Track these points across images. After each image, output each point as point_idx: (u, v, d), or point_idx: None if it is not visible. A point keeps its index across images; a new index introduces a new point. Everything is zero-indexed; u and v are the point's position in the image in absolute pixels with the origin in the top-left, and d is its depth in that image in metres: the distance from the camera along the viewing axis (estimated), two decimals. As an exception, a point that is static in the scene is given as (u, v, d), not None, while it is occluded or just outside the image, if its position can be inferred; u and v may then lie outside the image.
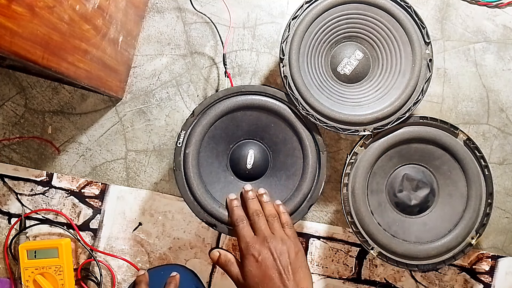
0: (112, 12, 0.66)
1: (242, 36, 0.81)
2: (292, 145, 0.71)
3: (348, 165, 0.70)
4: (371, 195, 0.71)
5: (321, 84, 0.71)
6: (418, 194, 0.72)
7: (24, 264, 0.75)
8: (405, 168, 0.73)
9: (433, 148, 0.71)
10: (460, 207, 0.71)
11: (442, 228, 0.71)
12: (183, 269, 0.78)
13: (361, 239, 0.70)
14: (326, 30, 0.70)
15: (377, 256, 0.70)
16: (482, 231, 0.70)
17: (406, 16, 0.69)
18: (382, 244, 0.70)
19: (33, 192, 0.80)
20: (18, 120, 0.80)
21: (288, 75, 0.69)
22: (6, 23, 0.43)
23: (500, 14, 0.81)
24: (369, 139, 0.70)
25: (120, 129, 0.81)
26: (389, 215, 0.72)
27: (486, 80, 0.81)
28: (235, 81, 0.80)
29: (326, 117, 0.69)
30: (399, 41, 0.69)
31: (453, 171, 0.71)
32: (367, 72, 0.73)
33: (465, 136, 0.70)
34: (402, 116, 0.69)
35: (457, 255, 0.70)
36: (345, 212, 0.70)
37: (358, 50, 0.72)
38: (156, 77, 0.81)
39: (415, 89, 0.69)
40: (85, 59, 0.61)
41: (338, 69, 0.72)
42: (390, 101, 0.69)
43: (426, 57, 0.69)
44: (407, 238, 0.71)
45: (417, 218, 0.72)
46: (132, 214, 0.80)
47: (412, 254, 0.70)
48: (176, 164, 0.69)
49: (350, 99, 0.71)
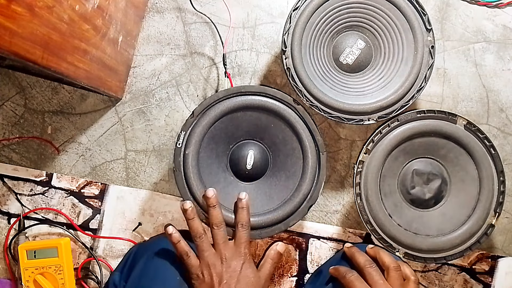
0: (111, 12, 0.66)
1: (242, 36, 0.81)
2: (292, 145, 0.71)
3: (356, 175, 0.70)
4: (385, 198, 0.71)
5: (324, 75, 0.71)
6: (431, 187, 0.72)
7: (24, 265, 0.75)
8: (412, 164, 0.73)
9: (436, 139, 0.71)
10: (474, 191, 0.71)
11: (461, 215, 0.71)
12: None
13: (384, 244, 0.70)
14: (327, 20, 0.70)
15: (404, 257, 0.70)
16: (500, 209, 0.70)
17: (407, 4, 0.69)
18: (406, 244, 0.70)
19: (32, 192, 0.80)
20: (17, 120, 0.80)
21: (291, 67, 0.69)
22: (6, 23, 0.43)
23: (500, 14, 0.81)
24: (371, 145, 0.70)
25: (119, 129, 0.80)
26: (407, 213, 0.72)
27: (486, 80, 0.81)
28: (235, 81, 0.80)
29: (330, 107, 0.69)
30: (400, 28, 0.69)
31: (460, 157, 0.71)
32: (369, 61, 0.73)
33: (464, 120, 0.70)
34: (406, 104, 0.69)
35: (481, 238, 0.70)
36: (364, 221, 0.70)
37: (360, 39, 0.72)
38: (156, 77, 0.81)
39: (418, 76, 0.69)
40: (85, 59, 0.61)
41: (340, 59, 0.72)
42: (394, 89, 0.69)
43: (428, 44, 0.69)
44: (429, 233, 0.71)
45: (435, 210, 0.72)
46: (132, 214, 0.80)
47: (437, 247, 0.70)
48: (176, 165, 0.69)
49: (354, 89, 0.72)
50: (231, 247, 0.65)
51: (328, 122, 0.80)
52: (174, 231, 0.67)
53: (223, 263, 0.63)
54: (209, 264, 0.63)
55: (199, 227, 0.65)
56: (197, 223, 0.66)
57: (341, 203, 0.81)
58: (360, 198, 0.70)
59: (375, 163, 0.70)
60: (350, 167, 0.80)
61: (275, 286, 0.80)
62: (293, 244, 0.80)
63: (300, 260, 0.80)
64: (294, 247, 0.80)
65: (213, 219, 0.65)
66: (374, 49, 0.73)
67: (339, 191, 0.81)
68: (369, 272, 0.63)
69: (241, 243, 0.65)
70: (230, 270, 0.63)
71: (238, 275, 0.63)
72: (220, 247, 0.64)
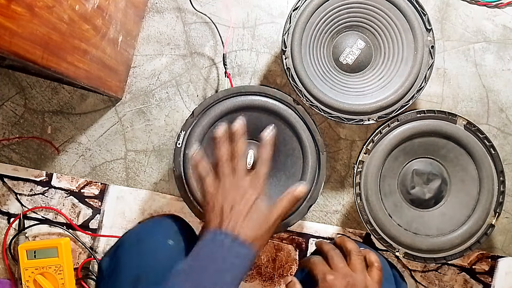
0: (111, 12, 0.66)
1: (242, 36, 0.81)
2: (292, 145, 0.71)
3: (356, 175, 0.70)
4: (385, 198, 0.71)
5: (324, 75, 0.71)
6: (431, 187, 0.72)
7: (24, 265, 0.75)
8: (412, 164, 0.73)
9: (436, 139, 0.71)
10: (474, 191, 0.71)
11: (461, 214, 0.71)
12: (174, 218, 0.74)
13: (384, 244, 0.70)
14: (327, 20, 0.70)
15: (404, 257, 0.70)
16: (500, 209, 0.70)
17: (407, 4, 0.69)
18: (406, 244, 0.70)
19: (32, 192, 0.80)
20: (17, 120, 0.80)
21: (291, 67, 0.69)
22: (6, 23, 0.43)
23: (499, 14, 0.81)
24: (371, 145, 0.70)
25: (119, 129, 0.80)
26: (407, 213, 0.72)
27: (486, 80, 0.81)
28: (235, 81, 0.80)
29: (330, 107, 0.69)
30: (400, 28, 0.69)
31: (460, 157, 0.71)
32: (369, 61, 0.73)
33: (464, 120, 0.70)
34: (406, 104, 0.69)
35: (481, 238, 0.70)
36: (364, 221, 0.70)
37: (359, 39, 0.72)
38: (156, 77, 0.81)
39: (418, 76, 0.69)
40: (85, 59, 0.61)
41: (340, 59, 0.72)
42: (394, 89, 0.69)
43: (428, 44, 0.69)
44: (429, 233, 0.71)
45: (435, 210, 0.72)
46: (132, 214, 0.80)
47: (437, 247, 0.70)
48: (175, 165, 0.69)
49: (354, 89, 0.72)
50: (248, 179, 0.63)
51: (328, 122, 0.80)
52: (197, 150, 0.64)
53: (237, 192, 0.62)
54: (224, 189, 0.62)
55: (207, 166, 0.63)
56: (205, 164, 0.63)
57: (341, 203, 0.81)
58: (360, 198, 0.70)
59: (375, 163, 0.70)
60: (350, 167, 0.80)
61: (275, 286, 0.80)
62: (293, 244, 0.80)
63: (300, 260, 0.80)
64: (294, 247, 0.80)
65: (238, 149, 0.63)
66: (374, 49, 0.73)
67: (339, 191, 0.81)
68: (331, 256, 0.64)
69: (259, 176, 0.63)
70: (243, 200, 0.61)
71: (250, 206, 0.61)
72: (238, 176, 0.63)
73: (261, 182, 0.63)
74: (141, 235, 0.69)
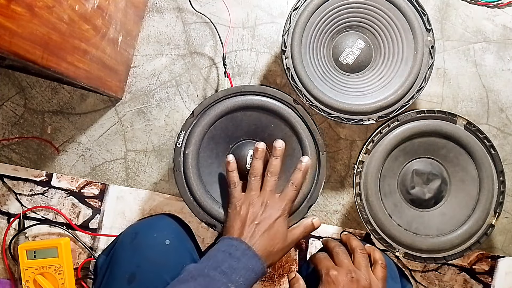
0: (111, 12, 0.66)
1: (242, 36, 0.81)
2: (291, 145, 0.71)
3: (356, 175, 0.70)
4: (385, 198, 0.71)
5: (324, 75, 0.71)
6: (431, 187, 0.72)
7: (24, 265, 0.75)
8: (412, 164, 0.73)
9: (436, 139, 0.71)
10: (474, 191, 0.71)
11: (461, 214, 0.71)
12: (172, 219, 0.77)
13: (384, 244, 0.70)
14: (327, 20, 0.71)
15: (404, 257, 0.70)
16: (500, 210, 0.70)
17: (407, 4, 0.69)
18: (406, 244, 0.70)
19: (32, 192, 0.80)
20: (17, 120, 0.80)
21: (290, 67, 0.69)
22: (6, 23, 0.43)
23: (499, 14, 0.81)
24: (371, 145, 0.70)
25: (119, 129, 0.80)
26: (407, 213, 0.72)
27: (486, 80, 0.81)
28: (235, 81, 0.80)
29: (330, 107, 0.69)
30: (400, 28, 0.69)
31: (460, 157, 0.71)
32: (369, 61, 0.73)
33: (464, 120, 0.70)
34: (406, 104, 0.69)
35: (481, 238, 0.70)
36: (364, 221, 0.70)
37: (359, 39, 0.72)
38: (156, 77, 0.81)
39: (418, 76, 0.69)
40: (85, 59, 0.61)
41: (340, 59, 0.72)
42: (394, 89, 0.69)
43: (428, 44, 0.69)
44: (429, 233, 0.71)
45: (435, 210, 0.72)
46: (132, 214, 0.80)
47: (437, 247, 0.70)
48: (175, 165, 0.69)
49: (354, 89, 0.72)
50: (275, 198, 0.66)
51: (328, 122, 0.80)
52: (233, 160, 0.68)
53: (262, 207, 0.65)
54: (250, 201, 0.65)
55: (236, 177, 0.68)
56: (236, 174, 0.67)
57: (341, 203, 0.81)
58: (360, 198, 0.70)
59: (375, 163, 0.70)
60: (350, 167, 0.80)
61: (275, 286, 0.80)
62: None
63: (300, 260, 0.80)
64: (294, 247, 0.80)
65: (272, 167, 0.67)
66: (374, 49, 0.73)
67: (339, 191, 0.81)
68: (336, 252, 0.66)
69: (286, 198, 0.66)
70: (266, 215, 0.64)
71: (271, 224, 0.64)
72: (266, 193, 0.66)
73: (287, 204, 0.66)
74: (138, 234, 0.70)
